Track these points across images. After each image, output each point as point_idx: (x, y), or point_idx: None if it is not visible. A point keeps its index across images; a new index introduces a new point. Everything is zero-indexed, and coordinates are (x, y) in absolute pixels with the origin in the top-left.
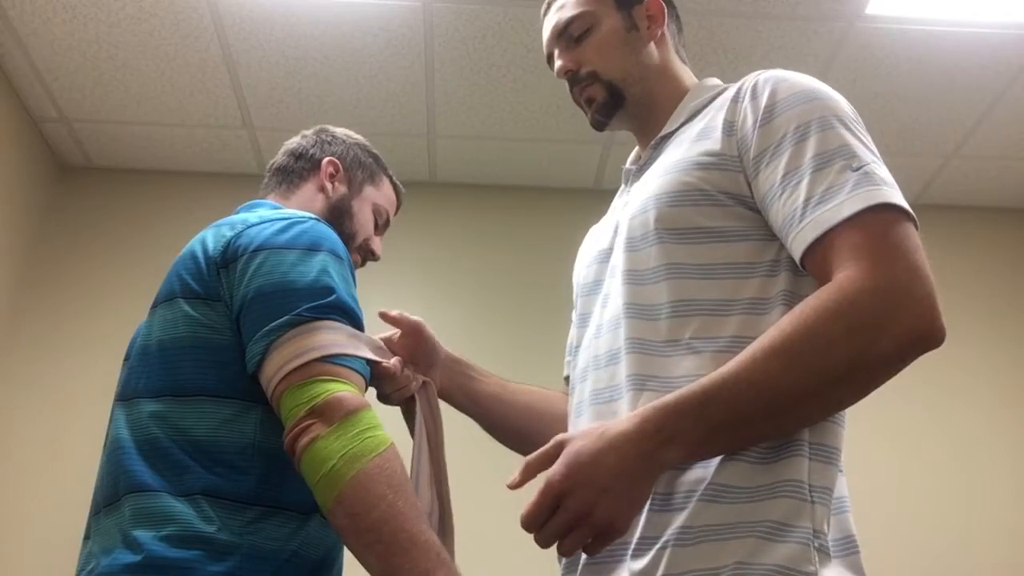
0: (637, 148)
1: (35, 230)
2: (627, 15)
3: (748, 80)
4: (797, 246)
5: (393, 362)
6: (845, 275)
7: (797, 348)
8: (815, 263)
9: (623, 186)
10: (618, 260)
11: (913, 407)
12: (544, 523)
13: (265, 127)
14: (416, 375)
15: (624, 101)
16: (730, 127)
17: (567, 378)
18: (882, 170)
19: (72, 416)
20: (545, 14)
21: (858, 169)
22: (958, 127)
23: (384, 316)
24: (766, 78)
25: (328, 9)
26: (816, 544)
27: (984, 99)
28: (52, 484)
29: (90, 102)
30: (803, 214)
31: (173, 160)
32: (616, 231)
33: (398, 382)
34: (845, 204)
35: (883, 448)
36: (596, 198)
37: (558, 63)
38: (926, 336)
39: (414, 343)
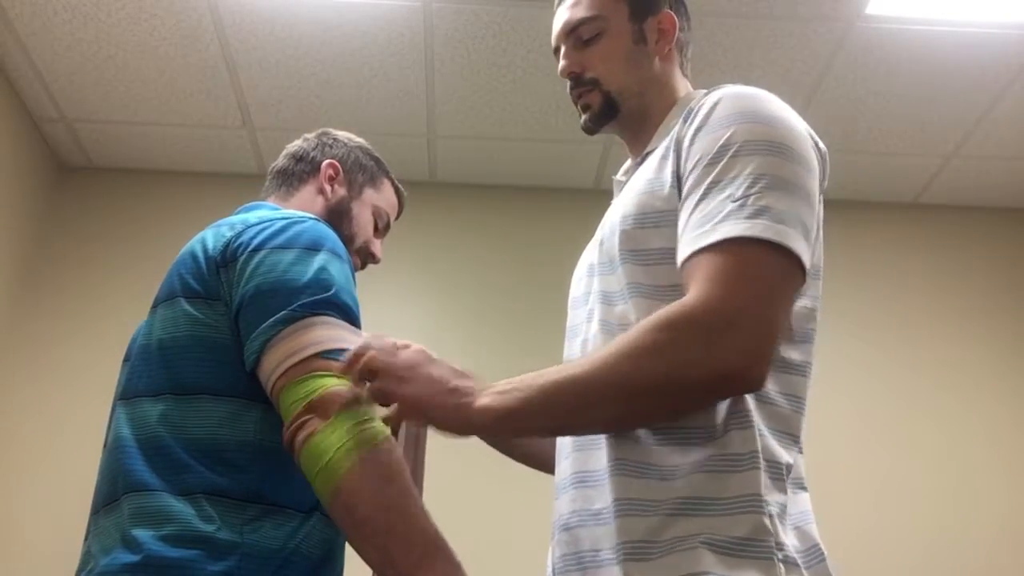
0: (630, 159)
1: (35, 230)
2: (638, 28)
3: (704, 98)
4: (679, 267)
5: None
6: (685, 298)
7: (613, 354)
8: (683, 284)
9: (616, 198)
10: (596, 279)
11: (910, 406)
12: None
13: (265, 127)
14: None
15: (618, 113)
16: (679, 146)
17: None
18: (772, 200)
19: (72, 415)
20: (559, 4)
21: (739, 200)
22: (958, 127)
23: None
24: (714, 97)
25: (328, 9)
26: (780, 556)
27: (984, 99)
28: (52, 484)
29: (90, 102)
30: (682, 236)
31: (173, 160)
32: (598, 246)
33: None
34: (711, 232)
35: (878, 447)
36: (596, 198)
37: (562, 63)
38: (736, 376)
39: None
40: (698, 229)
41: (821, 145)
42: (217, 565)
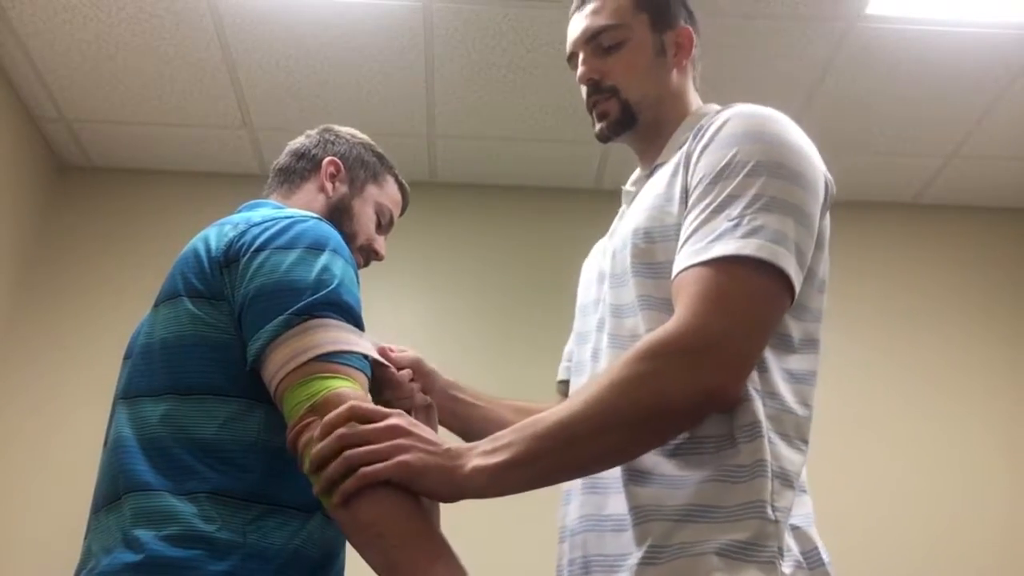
0: (639, 168)
1: (35, 230)
2: (658, 38)
3: (715, 116)
4: (671, 279)
5: (403, 372)
6: (669, 324)
7: (601, 388)
8: (672, 298)
9: (624, 206)
10: (606, 291)
11: (910, 406)
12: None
13: (265, 127)
14: (421, 393)
15: (635, 123)
16: (688, 162)
17: (561, 382)
18: (769, 220)
19: (72, 415)
20: (576, 11)
21: (735, 219)
22: (958, 127)
23: (383, 354)
24: (725, 115)
25: (328, 9)
26: (782, 560)
27: (984, 99)
28: (51, 483)
29: (90, 102)
30: (680, 250)
31: (173, 160)
32: (610, 257)
33: (403, 390)
34: (701, 251)
35: (879, 448)
36: (596, 198)
37: (581, 69)
38: (714, 395)
39: (414, 376)
40: (694, 246)
41: (828, 175)
42: (219, 565)
